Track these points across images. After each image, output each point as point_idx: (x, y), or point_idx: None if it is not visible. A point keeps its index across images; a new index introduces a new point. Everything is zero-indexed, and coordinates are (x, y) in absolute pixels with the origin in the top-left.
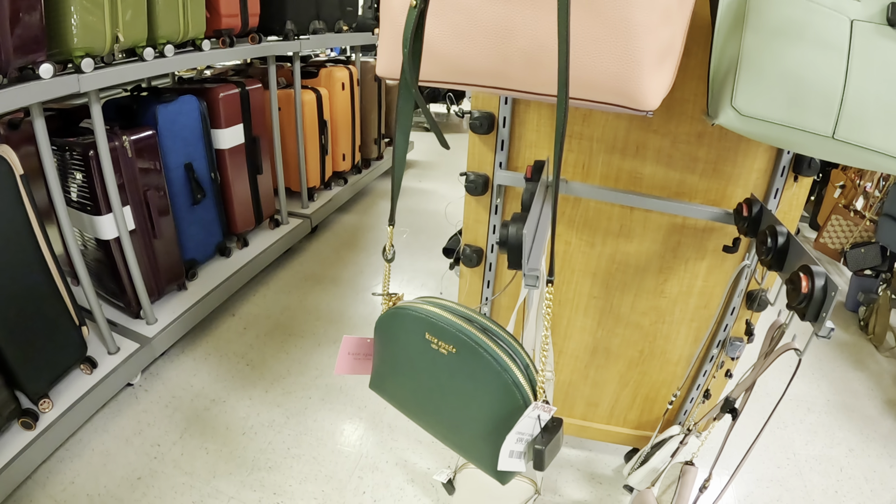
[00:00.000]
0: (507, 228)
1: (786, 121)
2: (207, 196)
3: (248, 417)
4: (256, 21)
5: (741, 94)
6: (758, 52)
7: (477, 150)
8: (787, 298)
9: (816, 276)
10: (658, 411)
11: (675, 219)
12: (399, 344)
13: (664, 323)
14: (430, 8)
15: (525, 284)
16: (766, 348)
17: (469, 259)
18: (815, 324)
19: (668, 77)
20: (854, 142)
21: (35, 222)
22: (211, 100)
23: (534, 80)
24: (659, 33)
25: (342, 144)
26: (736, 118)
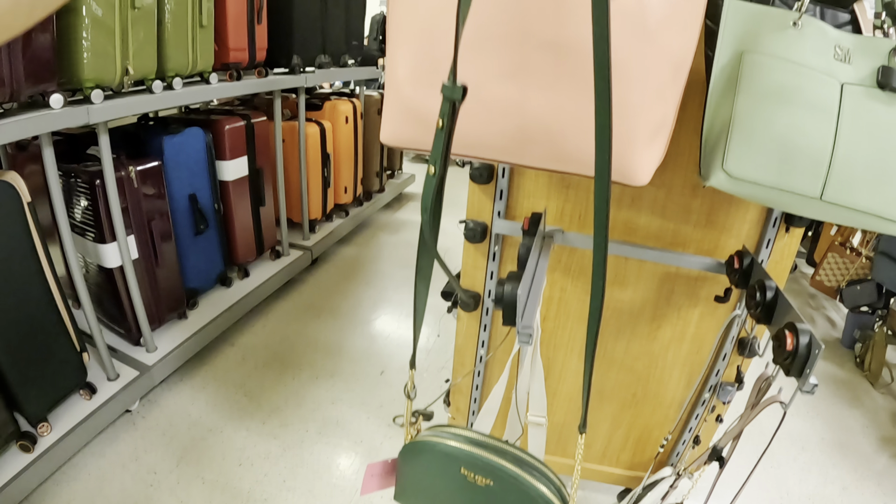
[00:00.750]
0: (503, 287)
1: (775, 183)
2: (210, 226)
3: (245, 448)
4: (264, 55)
5: (732, 157)
6: (749, 115)
7: (476, 198)
8: (773, 354)
9: (801, 333)
10: (650, 452)
11: (669, 268)
12: (430, 475)
13: (657, 367)
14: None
15: (519, 341)
16: (753, 400)
17: (466, 304)
18: (800, 380)
19: (659, 152)
20: (841, 203)
21: (41, 250)
22: (216, 132)
23: (530, 155)
24: (652, 112)
25: (344, 177)
26: (727, 181)
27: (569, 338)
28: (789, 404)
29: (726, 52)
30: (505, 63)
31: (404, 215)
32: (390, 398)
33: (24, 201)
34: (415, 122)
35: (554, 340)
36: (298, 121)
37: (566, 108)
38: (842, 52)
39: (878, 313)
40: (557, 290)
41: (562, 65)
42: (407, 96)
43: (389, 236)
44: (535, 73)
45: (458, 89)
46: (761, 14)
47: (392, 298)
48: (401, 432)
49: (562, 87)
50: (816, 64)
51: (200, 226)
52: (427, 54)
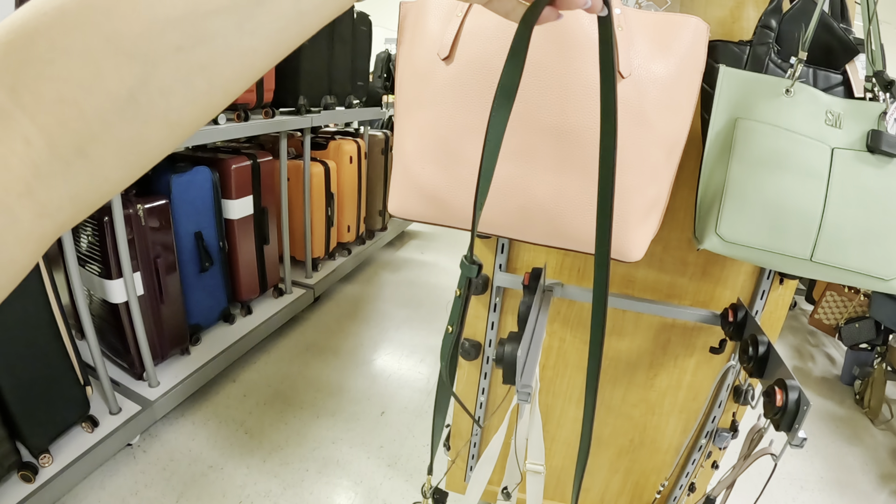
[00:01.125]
0: (503, 347)
1: (766, 246)
2: (215, 264)
3: (245, 486)
4: (271, 96)
5: (725, 222)
6: (742, 181)
7: (479, 251)
8: (763, 409)
9: (790, 390)
10: (647, 497)
11: (666, 318)
12: None
13: (654, 414)
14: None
15: (517, 399)
16: (745, 451)
17: (467, 353)
18: (789, 434)
19: (652, 228)
20: (831, 263)
21: (47, 280)
22: (223, 171)
23: (531, 232)
24: (646, 192)
25: (347, 216)
26: (720, 244)
27: (567, 385)
28: (780, 456)
29: (721, 118)
30: (510, 145)
31: (406, 253)
32: (390, 438)
33: None
34: (421, 197)
35: (553, 388)
36: (303, 160)
37: (567, 190)
38: (833, 117)
39: (876, 350)
40: (557, 340)
41: (564, 149)
42: (414, 173)
43: (391, 275)
44: (539, 156)
45: (473, 268)
46: (755, 81)
47: (393, 338)
48: (400, 473)
49: (563, 170)
50: (808, 130)
51: (205, 263)
52: (435, 133)
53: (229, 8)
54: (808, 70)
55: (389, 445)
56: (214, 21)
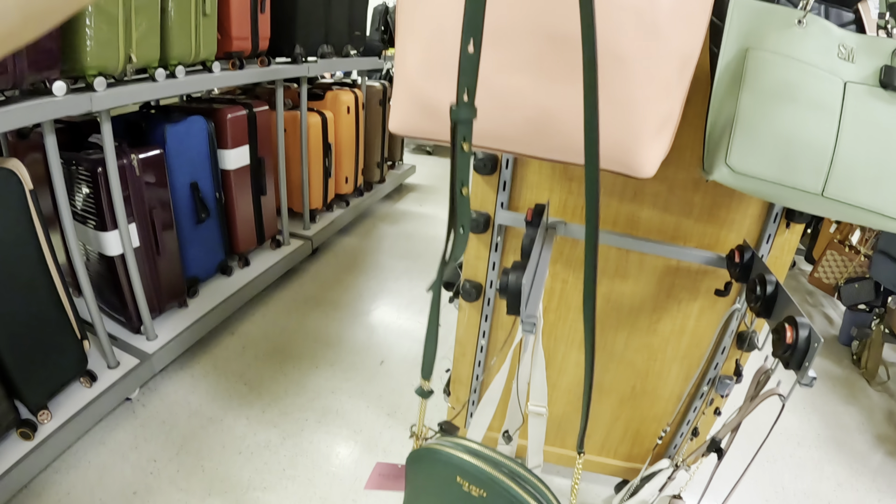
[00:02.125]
0: (507, 276)
1: (777, 179)
2: (211, 215)
3: (245, 437)
4: (266, 44)
5: (735, 152)
6: (753, 112)
7: (480, 189)
8: (772, 347)
9: (801, 327)
10: (648, 445)
11: (670, 261)
12: (430, 481)
13: (656, 360)
14: (444, 72)
15: (522, 330)
16: (752, 392)
17: (468, 294)
18: (799, 372)
19: (664, 145)
20: (843, 199)
21: (42, 238)
22: (218, 120)
23: (539, 146)
24: (659, 106)
25: (345, 167)
26: (730, 175)
27: (570, 330)
28: (788, 397)
29: (731, 48)
30: (517, 55)
31: (405, 206)
32: (390, 388)
33: (27, 189)
34: (424, 112)
35: (555, 332)
36: (300, 110)
37: (575, 99)
38: (845, 50)
39: (875, 311)
40: (559, 283)
41: (572, 58)
42: (417, 87)
43: (390, 227)
44: (546, 65)
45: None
46: (766, 11)
47: (392, 289)
48: (400, 422)
49: (572, 80)
50: (820, 62)
51: (202, 214)
52: (437, 46)
53: None
54: (820, 6)
55: (389, 395)
56: None
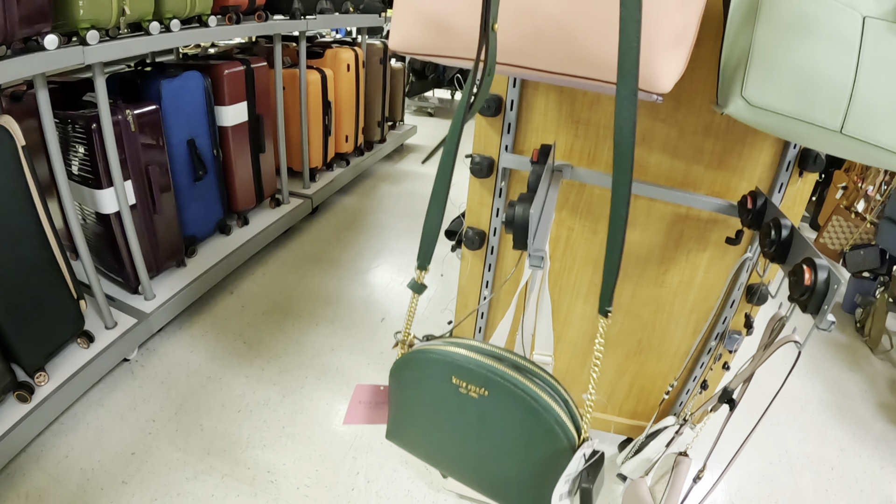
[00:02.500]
0: (514, 208)
1: (794, 113)
2: (209, 173)
3: (244, 395)
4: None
5: (751, 84)
6: (769, 44)
7: (483, 132)
8: (789, 290)
9: (819, 268)
10: (654, 401)
11: (679, 209)
12: (420, 390)
13: (663, 314)
14: None
15: (529, 265)
16: (766, 340)
17: (471, 241)
18: (817, 316)
19: (680, 61)
20: (862, 137)
21: (36, 194)
22: (215, 76)
23: (545, 56)
24: (674, 18)
25: (345, 126)
26: (745, 108)
27: (575, 280)
28: (804, 343)
29: None
30: None
31: (406, 166)
32: (390, 344)
33: (18, 144)
34: (424, 24)
35: (560, 283)
36: (299, 67)
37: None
38: None
39: (880, 279)
40: (565, 230)
41: None
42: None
43: (390, 187)
44: None
45: None
46: None
47: (393, 247)
48: None
49: None
50: None
51: (199, 172)
52: None
53: None
54: None
55: (390, 352)
56: None
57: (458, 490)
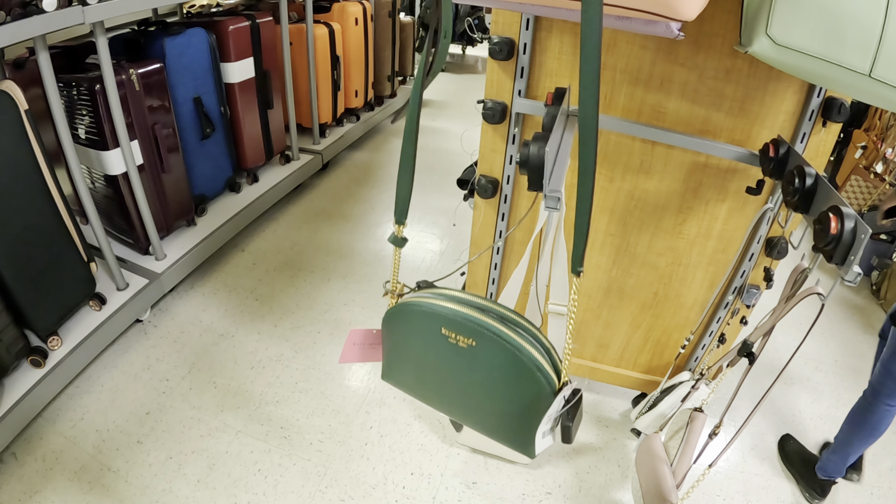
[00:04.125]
0: (528, 147)
1: (822, 54)
2: (217, 131)
3: (257, 352)
4: None
5: (777, 22)
6: None
7: (496, 76)
8: (813, 239)
9: (847, 217)
10: (669, 356)
11: (698, 157)
12: (413, 339)
13: (680, 265)
14: None
15: (545, 206)
16: (788, 292)
17: (484, 190)
18: (843, 267)
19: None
20: (891, 82)
21: (41, 158)
22: (220, 33)
23: None
24: None
25: (355, 81)
26: (770, 47)
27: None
28: (828, 296)
29: None
30: None
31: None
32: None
33: (21, 108)
34: None
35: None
36: (306, 22)
37: None
38: None
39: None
40: (575, 177)
41: None
42: None
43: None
44: None
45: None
46: None
47: None
48: None
49: None
50: None
51: (206, 130)
52: None
53: None
54: None
55: None
56: None
57: (471, 444)
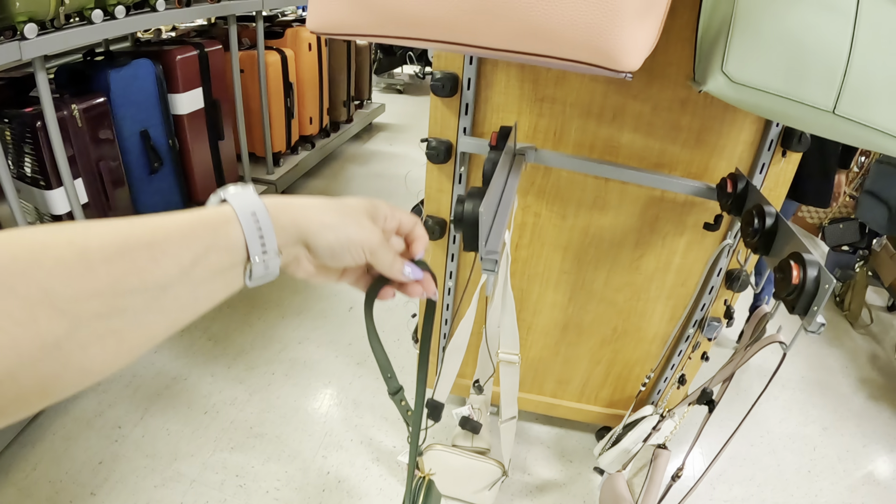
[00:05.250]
0: (463, 205)
1: (782, 91)
2: (165, 164)
3: (211, 395)
4: None
5: (734, 57)
6: (754, 10)
7: (440, 114)
8: (774, 288)
9: (809, 265)
10: (631, 390)
11: (654, 191)
12: None
13: (639, 300)
14: None
15: (483, 269)
16: (748, 338)
17: (431, 231)
18: (805, 317)
19: (651, 33)
20: (856, 118)
21: None
22: (167, 63)
23: (487, 31)
24: None
25: (309, 107)
26: (727, 85)
27: (544, 267)
28: (790, 345)
29: None
30: None
31: (374, 146)
32: (359, 335)
33: None
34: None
35: (528, 271)
36: (257, 48)
37: None
38: None
39: (859, 253)
40: (531, 216)
41: None
42: None
43: (359, 168)
44: None
45: None
46: None
47: None
48: (370, 371)
49: None
50: None
51: (154, 164)
52: None
53: (140, 290)
54: None
55: (358, 342)
56: (128, 299)
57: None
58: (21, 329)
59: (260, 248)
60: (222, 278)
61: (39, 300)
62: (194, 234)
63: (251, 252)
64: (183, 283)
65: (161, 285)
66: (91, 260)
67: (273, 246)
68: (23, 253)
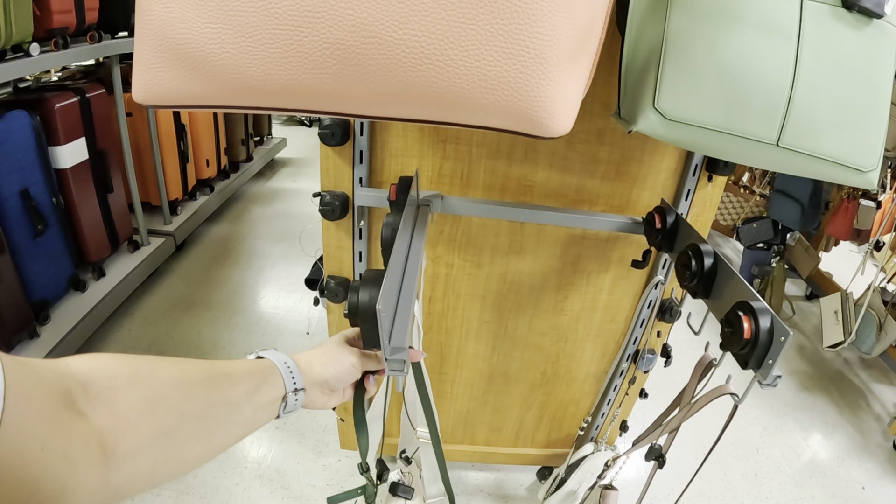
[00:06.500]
0: (357, 295)
1: (722, 126)
2: (50, 225)
3: None
4: (95, 16)
5: (667, 92)
6: (687, 37)
7: (332, 164)
8: (722, 341)
9: (760, 315)
10: (567, 429)
11: (574, 230)
12: None
13: (567, 342)
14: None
15: (389, 370)
16: (693, 388)
17: (334, 293)
18: (760, 370)
19: (582, 78)
20: (802, 149)
21: None
22: (45, 113)
23: (368, 99)
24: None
25: (205, 149)
26: (660, 123)
27: (461, 319)
28: (743, 398)
29: None
30: None
31: (277, 183)
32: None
33: None
34: (177, 62)
35: (445, 324)
36: None
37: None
38: None
39: (774, 249)
40: (443, 267)
41: None
42: (159, 19)
43: (262, 208)
44: None
45: None
46: None
47: (269, 278)
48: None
49: None
50: None
51: (38, 226)
52: None
53: (223, 403)
54: None
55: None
56: (214, 409)
57: None
58: (141, 419)
59: (293, 386)
60: (269, 407)
61: (157, 400)
62: (252, 372)
63: (287, 389)
64: (248, 404)
65: (236, 402)
66: (192, 380)
67: (301, 385)
68: (149, 374)
